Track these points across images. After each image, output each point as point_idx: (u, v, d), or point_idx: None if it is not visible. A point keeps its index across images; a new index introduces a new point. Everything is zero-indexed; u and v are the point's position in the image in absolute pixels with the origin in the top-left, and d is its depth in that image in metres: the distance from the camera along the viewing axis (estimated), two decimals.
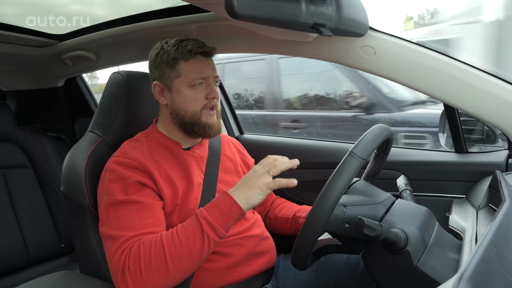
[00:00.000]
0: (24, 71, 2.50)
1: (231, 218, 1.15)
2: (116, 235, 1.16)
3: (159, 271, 1.09)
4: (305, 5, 0.93)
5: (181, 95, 1.36)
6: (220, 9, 1.11)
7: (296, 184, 1.15)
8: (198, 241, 1.12)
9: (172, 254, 1.10)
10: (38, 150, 2.42)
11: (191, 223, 1.15)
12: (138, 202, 1.20)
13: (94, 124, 1.53)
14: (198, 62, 1.36)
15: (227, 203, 1.15)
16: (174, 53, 1.35)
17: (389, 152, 1.29)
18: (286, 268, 1.51)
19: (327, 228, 1.11)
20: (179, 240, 1.12)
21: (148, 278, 1.08)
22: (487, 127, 1.71)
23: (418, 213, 1.10)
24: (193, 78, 1.34)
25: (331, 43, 1.45)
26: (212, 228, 1.13)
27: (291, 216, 1.57)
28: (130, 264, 1.10)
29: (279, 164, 1.17)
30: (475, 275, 0.58)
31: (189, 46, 1.34)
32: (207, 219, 1.13)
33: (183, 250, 1.11)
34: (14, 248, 2.16)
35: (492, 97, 1.29)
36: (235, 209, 1.15)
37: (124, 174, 1.25)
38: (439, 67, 1.33)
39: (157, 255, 1.10)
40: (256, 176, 1.17)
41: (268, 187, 1.16)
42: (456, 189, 1.64)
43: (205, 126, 1.37)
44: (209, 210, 1.16)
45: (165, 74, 1.37)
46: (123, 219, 1.18)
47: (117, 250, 1.14)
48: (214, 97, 1.37)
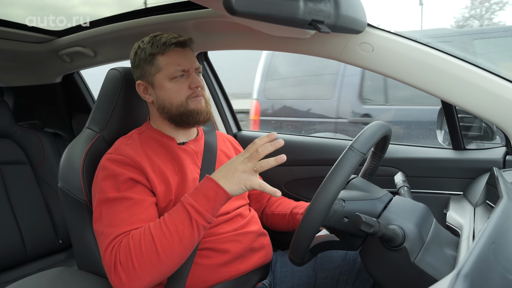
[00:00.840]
0: (22, 67, 2.50)
1: (217, 203, 1.14)
2: (107, 232, 1.16)
3: (151, 261, 1.09)
4: (303, 1, 0.93)
5: (164, 89, 1.37)
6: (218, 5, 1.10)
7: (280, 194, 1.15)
8: (187, 228, 1.12)
9: (163, 244, 1.10)
10: (35, 146, 2.42)
11: (178, 211, 1.14)
12: (129, 199, 1.20)
13: (91, 120, 1.53)
14: (175, 54, 1.37)
15: (212, 189, 1.14)
16: (150, 49, 1.36)
17: (387, 150, 1.29)
18: (283, 265, 1.51)
19: (326, 222, 1.11)
20: (167, 229, 1.11)
21: (141, 270, 1.08)
22: (484, 124, 1.71)
23: (416, 210, 1.10)
24: (173, 71, 1.35)
25: (329, 40, 1.45)
26: (200, 214, 1.12)
27: (288, 212, 1.57)
28: (121, 259, 1.10)
29: (265, 164, 1.14)
30: (472, 271, 0.58)
31: (163, 39, 1.36)
32: (194, 206, 1.13)
33: (173, 238, 1.10)
34: (12, 244, 2.16)
35: (489, 94, 1.30)
36: (221, 193, 1.14)
37: (116, 171, 1.25)
38: (437, 64, 1.33)
39: (147, 246, 1.09)
40: (242, 169, 1.15)
41: (252, 186, 1.15)
42: (453, 186, 1.64)
43: (193, 112, 1.37)
44: (194, 197, 1.14)
45: (146, 71, 1.38)
46: (115, 216, 1.18)
47: (107, 247, 1.14)
48: (197, 85, 1.37)
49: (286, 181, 2.06)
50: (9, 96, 2.68)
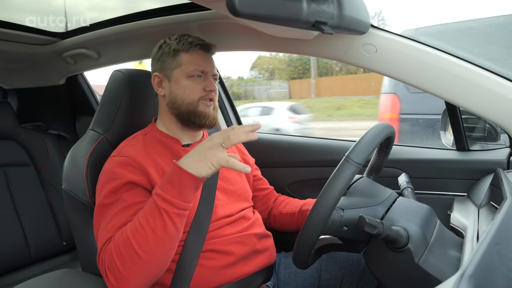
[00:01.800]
0: (26, 69, 2.51)
1: (184, 186, 1.09)
2: (100, 238, 1.18)
3: (132, 260, 1.07)
4: (306, 3, 0.93)
5: (180, 84, 1.39)
6: (222, 7, 1.11)
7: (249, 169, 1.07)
8: (158, 219, 1.08)
9: (137, 240, 1.07)
10: (39, 148, 2.42)
11: (148, 204, 1.12)
12: (124, 201, 1.20)
13: (95, 122, 1.53)
14: (198, 55, 1.40)
15: (175, 173, 1.09)
16: (175, 45, 1.40)
17: (392, 146, 1.29)
18: (287, 266, 1.52)
19: (324, 232, 1.11)
20: (140, 224, 1.09)
21: (125, 271, 1.07)
22: (488, 125, 1.71)
23: (420, 211, 1.10)
24: (192, 69, 1.37)
25: (332, 41, 1.45)
26: (167, 201, 1.08)
27: (297, 210, 1.58)
28: (107, 264, 1.10)
29: (234, 136, 1.08)
30: (476, 273, 0.58)
31: (190, 39, 1.40)
32: (160, 194, 1.09)
33: (146, 232, 1.07)
34: (16, 246, 2.17)
35: (493, 95, 1.29)
36: (184, 176, 1.08)
37: (116, 175, 1.24)
38: (441, 65, 1.33)
39: (125, 245, 1.08)
40: (209, 146, 1.11)
41: (219, 163, 1.09)
42: (457, 187, 1.64)
43: (201, 114, 1.39)
44: (161, 186, 1.11)
45: (166, 64, 1.41)
46: (109, 221, 1.18)
47: (99, 253, 1.15)
48: (211, 89, 1.40)
49: (290, 183, 2.06)
50: (13, 98, 2.69)
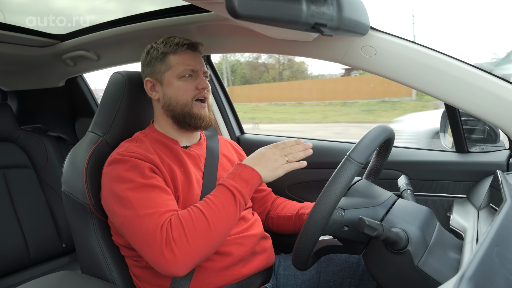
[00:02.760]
0: (25, 71, 2.51)
1: (253, 185, 1.25)
2: (147, 213, 1.16)
3: (203, 236, 1.13)
4: (306, 5, 0.93)
5: (172, 86, 1.41)
6: (221, 9, 1.11)
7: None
8: (232, 206, 1.19)
9: (214, 219, 1.15)
10: (39, 150, 2.42)
11: (221, 192, 1.22)
12: (157, 187, 1.24)
13: (95, 124, 1.53)
14: (186, 55, 1.43)
15: (249, 173, 1.24)
16: (163, 48, 1.42)
17: (391, 149, 1.29)
18: (286, 268, 1.51)
19: (325, 232, 1.11)
20: (216, 206, 1.18)
21: (194, 244, 1.11)
22: (488, 126, 1.71)
23: (419, 213, 1.10)
24: (182, 70, 1.40)
25: (332, 43, 1.45)
26: (242, 194, 1.21)
27: (294, 213, 1.58)
28: (174, 235, 1.11)
29: (296, 155, 1.32)
30: (476, 275, 0.58)
31: (176, 40, 1.43)
32: (236, 187, 1.21)
33: (221, 215, 1.17)
34: (15, 248, 2.17)
35: (493, 97, 1.29)
36: (257, 177, 1.25)
37: (136, 162, 1.27)
38: (440, 67, 1.33)
39: (199, 221, 1.14)
40: (274, 159, 1.29)
41: (285, 170, 1.29)
42: (457, 189, 1.64)
43: (196, 116, 1.41)
44: (235, 179, 1.23)
45: (156, 69, 1.43)
46: (148, 201, 1.19)
47: (155, 225, 1.13)
48: (204, 87, 1.42)
49: (289, 184, 2.06)
50: (13, 100, 2.70)
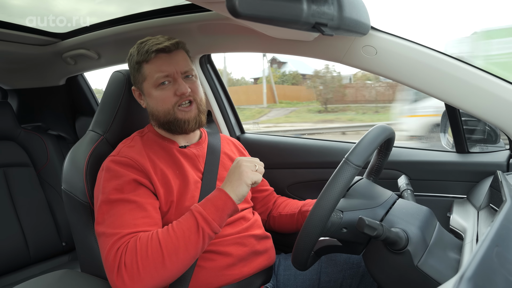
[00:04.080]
0: (26, 69, 2.51)
1: (225, 212, 1.17)
2: (111, 233, 1.16)
3: (156, 265, 1.09)
4: (306, 4, 0.93)
5: (151, 97, 1.37)
6: (222, 8, 1.11)
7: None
8: (194, 235, 1.13)
9: (169, 249, 1.11)
10: (39, 148, 2.42)
11: (187, 218, 1.17)
12: (133, 202, 1.20)
13: (95, 123, 1.53)
14: (159, 60, 1.34)
15: (221, 198, 1.18)
16: (136, 57, 1.36)
17: (392, 148, 1.29)
18: (287, 268, 1.51)
19: (324, 234, 1.11)
20: (175, 234, 1.13)
21: (145, 273, 1.08)
22: (488, 127, 1.71)
23: (419, 213, 1.10)
24: (156, 78, 1.33)
25: (332, 42, 1.45)
26: (207, 222, 1.15)
27: (296, 211, 1.57)
28: (126, 260, 1.09)
29: (261, 169, 1.26)
30: (476, 275, 0.58)
31: (146, 47, 1.34)
32: (202, 214, 1.15)
33: (179, 244, 1.12)
34: (15, 246, 2.17)
35: (493, 97, 1.29)
36: (229, 204, 1.17)
37: (119, 173, 1.25)
38: (441, 67, 1.33)
39: (153, 249, 1.10)
40: (245, 171, 1.21)
41: (254, 182, 1.21)
42: (457, 189, 1.64)
43: (181, 121, 1.36)
44: (203, 206, 1.18)
45: (136, 79, 1.40)
46: (118, 218, 1.18)
47: (112, 246, 1.13)
48: (182, 92, 1.33)
49: (289, 184, 2.06)
50: (13, 99, 2.69)
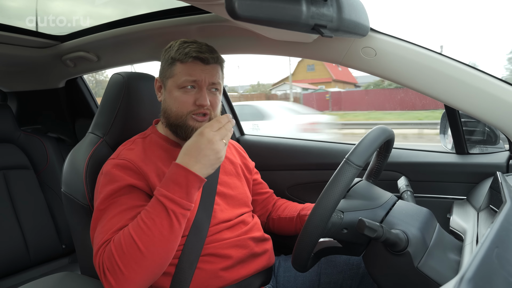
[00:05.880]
0: (25, 72, 2.51)
1: (190, 187, 1.12)
2: (97, 240, 1.16)
3: (135, 259, 1.06)
4: (306, 6, 0.93)
5: (172, 95, 1.33)
6: (221, 10, 1.11)
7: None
8: (165, 220, 1.09)
9: (143, 240, 1.07)
10: (39, 151, 2.42)
11: (153, 205, 1.12)
12: (123, 204, 1.19)
13: (94, 125, 1.53)
14: (194, 66, 1.31)
15: (181, 174, 1.12)
16: (173, 53, 1.33)
17: (391, 150, 1.29)
18: (286, 269, 1.51)
19: (324, 235, 1.11)
20: (145, 224, 1.08)
21: (127, 271, 1.06)
22: (488, 128, 1.71)
23: (419, 214, 1.10)
24: (183, 81, 1.30)
25: (332, 44, 1.45)
26: (175, 202, 1.10)
27: (295, 215, 1.57)
28: (107, 265, 1.08)
29: (229, 132, 1.19)
30: (476, 276, 0.58)
31: (187, 49, 1.31)
32: (167, 196, 1.11)
33: (152, 233, 1.08)
34: (15, 249, 2.16)
35: (493, 98, 1.29)
36: (192, 177, 1.12)
37: (116, 177, 1.24)
38: (440, 68, 1.33)
39: (128, 245, 1.07)
40: (213, 150, 1.14)
41: (221, 161, 1.18)
42: (457, 190, 1.64)
43: (188, 128, 1.32)
44: (166, 186, 1.12)
45: (164, 71, 1.37)
46: (106, 222, 1.17)
47: (96, 253, 1.13)
48: (201, 104, 1.30)
49: (289, 186, 2.06)
50: (13, 101, 2.69)
